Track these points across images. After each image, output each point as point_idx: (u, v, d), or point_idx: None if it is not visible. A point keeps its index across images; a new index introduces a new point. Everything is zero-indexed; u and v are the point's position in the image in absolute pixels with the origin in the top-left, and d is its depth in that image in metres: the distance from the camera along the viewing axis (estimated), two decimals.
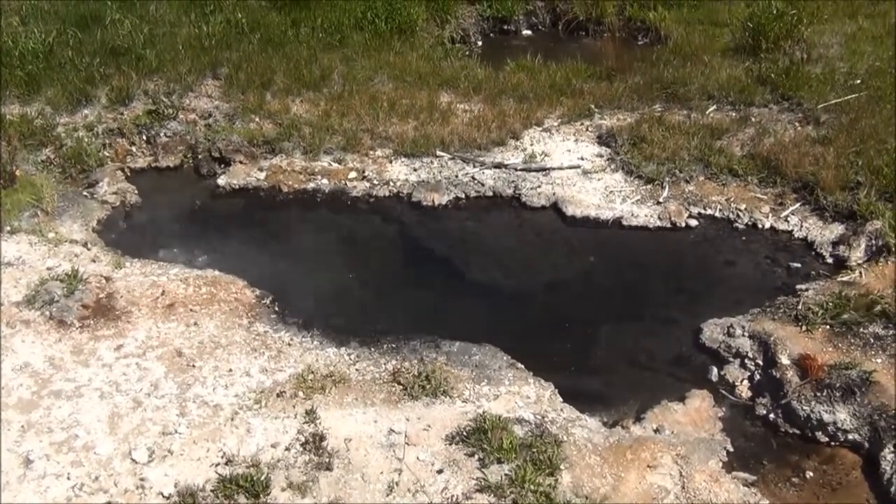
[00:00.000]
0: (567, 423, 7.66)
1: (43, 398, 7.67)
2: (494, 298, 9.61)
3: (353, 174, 11.47)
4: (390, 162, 11.70)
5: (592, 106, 12.82)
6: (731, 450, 7.66)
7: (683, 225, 10.55)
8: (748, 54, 13.88)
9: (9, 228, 9.89)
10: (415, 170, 11.54)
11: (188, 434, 7.36)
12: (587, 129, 12.38)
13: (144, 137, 12.06)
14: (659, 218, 10.59)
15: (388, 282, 9.91)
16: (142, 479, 6.95)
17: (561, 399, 8.01)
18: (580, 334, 9.07)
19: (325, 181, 11.38)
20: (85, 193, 11.03)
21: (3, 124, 11.48)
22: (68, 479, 6.93)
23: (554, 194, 10.97)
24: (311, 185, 11.36)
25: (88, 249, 9.77)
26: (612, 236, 10.50)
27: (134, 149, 12.02)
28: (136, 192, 11.24)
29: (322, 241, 10.56)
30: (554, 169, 11.43)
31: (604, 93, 13.08)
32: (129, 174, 11.66)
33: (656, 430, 7.73)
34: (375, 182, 11.33)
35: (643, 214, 10.65)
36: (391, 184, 11.31)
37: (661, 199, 10.85)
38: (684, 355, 8.80)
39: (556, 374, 8.31)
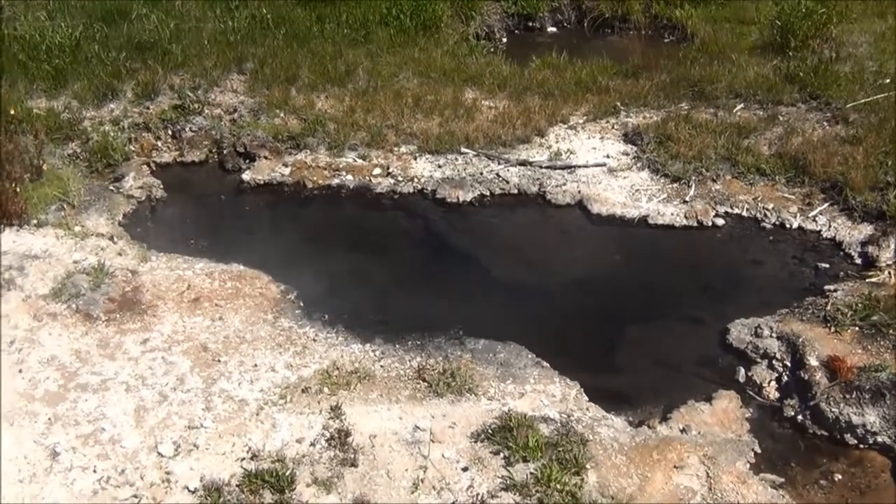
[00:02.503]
0: (593, 423, 7.63)
1: (69, 391, 7.70)
2: (519, 296, 9.57)
3: (377, 170, 11.47)
4: (415, 158, 11.70)
5: (618, 104, 12.78)
6: (759, 451, 7.59)
7: (710, 224, 10.49)
8: (776, 52, 13.81)
9: (35, 222, 9.94)
10: (439, 166, 11.53)
11: (214, 428, 7.37)
12: (613, 127, 12.35)
13: (170, 132, 12.10)
14: (685, 217, 10.54)
15: (412, 278, 9.88)
16: (167, 473, 6.97)
17: (587, 398, 7.97)
18: (606, 333, 9.04)
19: (349, 177, 11.39)
20: (111, 187, 11.07)
21: (30, 118, 11.54)
22: (94, 471, 6.96)
23: (579, 192, 10.93)
24: (336, 180, 11.37)
25: (114, 243, 9.82)
26: (637, 235, 10.45)
27: (159, 143, 12.06)
28: (162, 186, 11.27)
29: (346, 236, 10.57)
30: (579, 167, 11.39)
31: (630, 90, 13.05)
32: (154, 169, 11.70)
33: (683, 431, 7.67)
34: (400, 178, 11.32)
35: (669, 213, 10.61)
36: (415, 180, 11.30)
37: (687, 198, 10.79)
38: (711, 355, 8.72)
39: (581, 373, 8.26)
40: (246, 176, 11.46)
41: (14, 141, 10.76)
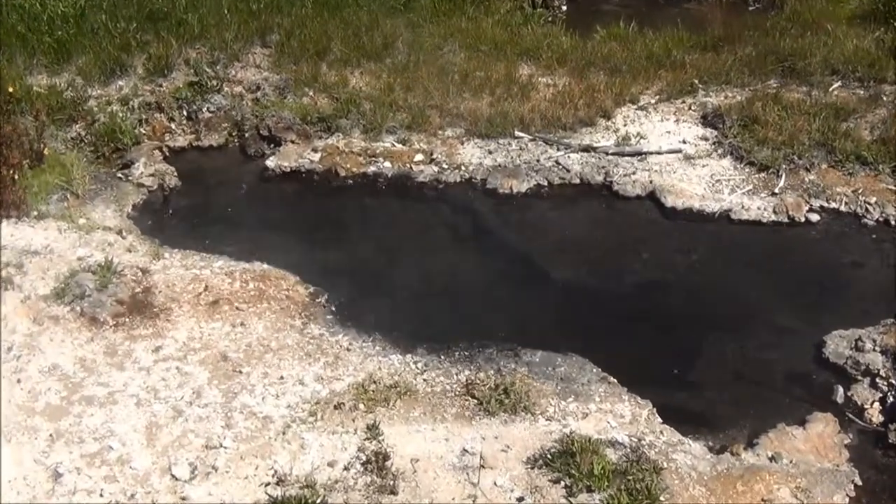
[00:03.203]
0: (667, 448, 7.54)
1: (73, 404, 7.76)
2: (582, 301, 9.54)
3: (419, 157, 11.47)
4: (462, 143, 11.69)
5: (696, 81, 12.70)
6: (860, 483, 7.46)
7: (802, 220, 10.40)
8: (879, 22, 13.64)
9: (35, 213, 10.04)
10: (490, 152, 11.50)
11: (235, 449, 7.39)
12: (690, 108, 12.26)
13: (185, 113, 12.19)
14: (774, 211, 10.45)
15: (459, 280, 9.86)
16: (183, 498, 6.99)
17: (660, 419, 7.90)
18: (682, 344, 8.96)
19: (387, 164, 11.40)
20: (119, 175, 11.18)
21: (29, 97, 11.67)
22: (101, 495, 6.99)
23: (651, 182, 10.87)
24: (372, 168, 11.38)
25: (123, 238, 9.89)
26: (718, 232, 10.39)
27: (173, 125, 12.15)
28: (176, 174, 11.36)
29: (384, 232, 10.58)
30: (651, 153, 11.33)
31: (709, 66, 12.95)
32: (167, 154, 11.79)
33: (772, 459, 7.57)
34: (445, 166, 11.32)
35: (755, 207, 10.52)
36: (463, 168, 11.29)
37: (776, 190, 10.70)
38: (804, 372, 8.62)
39: (654, 390, 8.19)
40: (270, 162, 11.51)
41: (11, 122, 10.88)
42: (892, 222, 10.24)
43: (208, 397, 7.90)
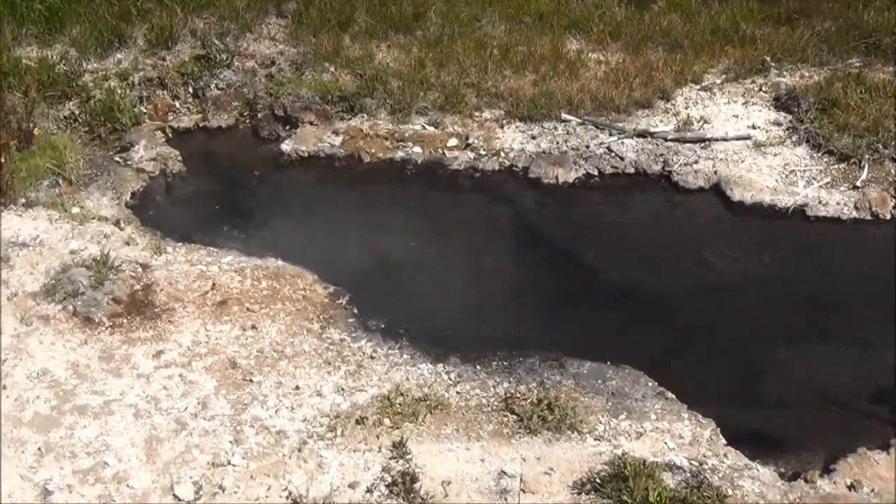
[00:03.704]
0: (732, 473, 7.50)
1: (64, 415, 7.82)
2: (636, 306, 9.50)
3: (453, 141, 11.48)
4: (501, 126, 11.69)
5: (768, 58, 12.64)
6: None
7: (888, 217, 10.37)
8: None
9: (24, 200, 10.13)
10: (533, 137, 11.50)
11: (244, 466, 7.42)
12: (760, 89, 12.22)
13: (191, 90, 12.26)
14: (856, 207, 10.41)
15: (497, 281, 9.87)
16: None
17: (724, 440, 7.85)
18: (750, 356, 8.91)
19: (417, 149, 11.42)
20: (117, 159, 11.25)
21: (18, 70, 11.75)
22: None
23: (716, 173, 10.85)
24: (400, 154, 11.41)
25: (121, 229, 9.97)
26: (792, 229, 10.36)
27: (177, 104, 12.22)
28: (180, 158, 11.41)
29: (412, 226, 10.56)
30: (716, 140, 11.31)
31: (783, 41, 12.90)
32: (170, 136, 11.87)
33: (851, 487, 7.52)
34: (482, 152, 11.33)
35: (834, 202, 10.48)
36: (502, 155, 11.29)
37: (858, 183, 10.66)
38: (889, 389, 8.53)
39: (717, 408, 8.15)
40: (286, 146, 11.56)
41: None
42: None
43: (215, 409, 7.93)
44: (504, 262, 10.24)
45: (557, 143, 11.36)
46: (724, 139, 11.29)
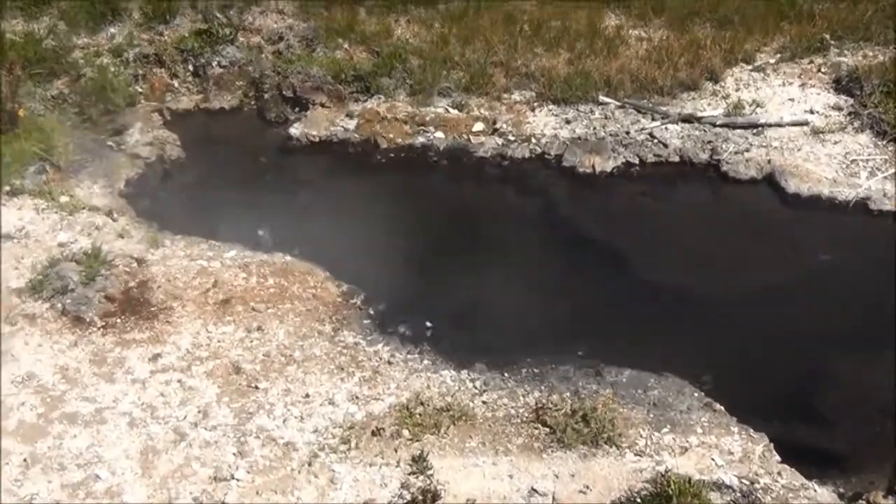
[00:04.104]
0: (787, 493, 7.49)
1: (53, 423, 7.84)
2: (681, 310, 9.49)
3: (479, 125, 11.50)
4: (532, 110, 11.71)
5: (827, 36, 12.64)
6: None
7: None
8: None
9: (8, 188, 10.17)
10: (567, 122, 11.52)
11: (249, 481, 7.43)
12: (819, 70, 12.20)
13: (191, 68, 12.32)
14: None
15: (528, 280, 9.84)
16: None
17: (778, 457, 7.83)
18: (807, 365, 8.91)
19: (439, 135, 11.45)
20: (110, 143, 11.32)
21: (2, 46, 11.79)
22: None
23: (769, 162, 10.84)
24: (420, 139, 11.44)
25: (114, 220, 10.01)
26: (853, 225, 10.36)
27: (176, 83, 12.28)
28: (179, 142, 11.50)
29: (433, 219, 10.63)
30: (770, 126, 11.30)
31: (844, 17, 12.89)
32: (168, 118, 11.95)
33: None
34: (511, 138, 11.34)
35: None
36: (533, 141, 11.32)
37: None
38: None
39: (770, 422, 8.15)
40: (295, 130, 11.60)
41: None
42: None
43: (217, 418, 7.95)
44: (535, 259, 10.21)
45: (594, 128, 11.37)
46: (779, 125, 11.29)
